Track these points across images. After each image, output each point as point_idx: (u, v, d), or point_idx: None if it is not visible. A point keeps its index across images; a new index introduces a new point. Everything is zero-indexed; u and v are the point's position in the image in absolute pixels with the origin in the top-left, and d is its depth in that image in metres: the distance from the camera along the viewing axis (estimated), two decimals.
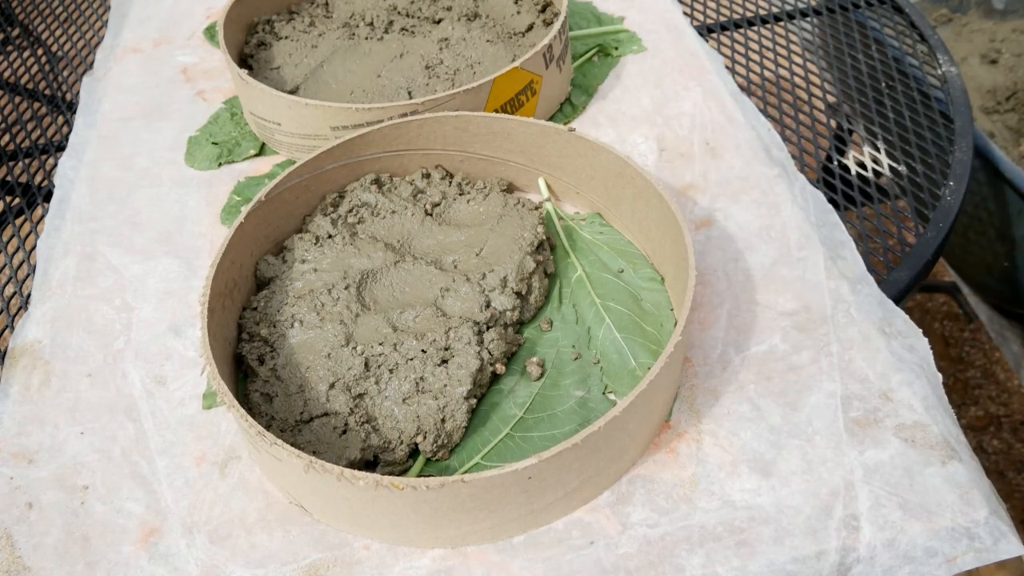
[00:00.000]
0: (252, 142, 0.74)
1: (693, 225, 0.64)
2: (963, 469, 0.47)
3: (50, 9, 1.07)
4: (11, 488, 0.50)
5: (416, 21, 0.80)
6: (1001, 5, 2.02)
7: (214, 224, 0.67)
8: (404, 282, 0.56)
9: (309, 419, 0.49)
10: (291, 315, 0.54)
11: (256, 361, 0.52)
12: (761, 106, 0.82)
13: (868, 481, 0.47)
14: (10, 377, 0.56)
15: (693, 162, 0.69)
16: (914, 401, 0.50)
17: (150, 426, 0.53)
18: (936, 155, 0.76)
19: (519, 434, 0.50)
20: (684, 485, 0.48)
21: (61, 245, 0.65)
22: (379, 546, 0.46)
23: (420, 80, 0.73)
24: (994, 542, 0.44)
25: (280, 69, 0.76)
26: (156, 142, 0.75)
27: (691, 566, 0.44)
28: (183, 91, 0.81)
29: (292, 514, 0.48)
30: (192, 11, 0.94)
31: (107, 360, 0.57)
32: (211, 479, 0.50)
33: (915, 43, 0.91)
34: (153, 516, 0.48)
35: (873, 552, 0.44)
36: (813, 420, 0.50)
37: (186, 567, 0.46)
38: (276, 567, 0.45)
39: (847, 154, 0.82)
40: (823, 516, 0.46)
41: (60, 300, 0.61)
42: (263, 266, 0.57)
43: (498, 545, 0.46)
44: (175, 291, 0.61)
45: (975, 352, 1.37)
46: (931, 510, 0.45)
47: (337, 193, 0.62)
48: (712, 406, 0.51)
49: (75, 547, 0.47)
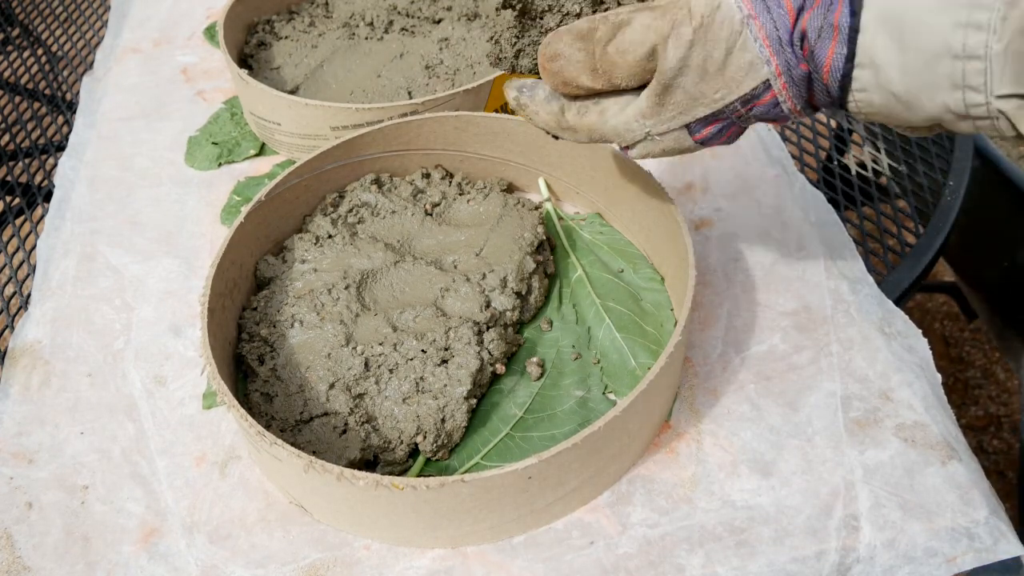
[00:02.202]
0: (252, 142, 0.74)
1: (693, 225, 0.64)
2: (963, 469, 0.47)
3: (50, 9, 1.07)
4: (11, 488, 0.50)
5: (416, 21, 0.80)
6: None
7: (214, 224, 0.67)
8: (404, 282, 0.56)
9: (309, 419, 0.49)
10: (291, 315, 0.54)
11: (256, 361, 0.52)
12: None
13: (868, 481, 0.47)
14: (10, 377, 0.56)
15: (693, 162, 0.69)
16: (914, 401, 0.50)
17: (150, 426, 0.53)
18: (936, 155, 0.76)
19: (519, 434, 0.50)
20: (684, 485, 0.48)
21: (61, 245, 0.66)
22: (379, 546, 0.46)
23: (420, 80, 0.73)
24: (994, 542, 0.44)
25: (280, 69, 0.76)
26: (156, 142, 0.75)
27: (691, 566, 0.44)
28: (183, 91, 0.81)
29: (292, 514, 0.48)
30: (192, 11, 0.94)
31: (107, 360, 0.57)
32: (211, 479, 0.50)
33: None
34: (153, 516, 0.48)
35: (873, 552, 0.44)
36: (813, 420, 0.50)
37: (186, 567, 0.46)
38: (276, 567, 0.45)
39: (847, 154, 0.82)
40: (823, 516, 0.46)
41: (60, 300, 0.61)
42: (263, 266, 0.57)
43: (498, 545, 0.46)
44: (175, 291, 0.61)
45: (975, 352, 1.37)
46: (931, 510, 0.45)
47: (337, 193, 0.62)
48: (712, 406, 0.51)
49: (75, 547, 0.47)
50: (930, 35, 0.32)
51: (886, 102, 0.35)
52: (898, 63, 0.33)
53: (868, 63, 0.34)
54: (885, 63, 0.34)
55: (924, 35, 0.32)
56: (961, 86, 0.32)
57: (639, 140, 0.43)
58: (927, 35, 0.32)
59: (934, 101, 0.33)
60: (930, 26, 0.32)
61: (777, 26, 0.37)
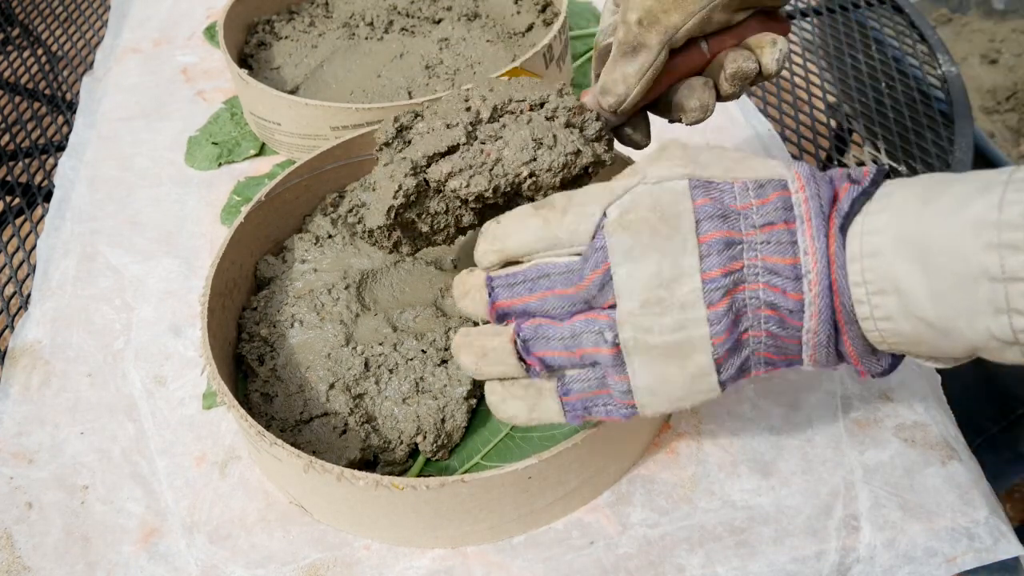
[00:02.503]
0: (252, 142, 0.74)
1: None
2: (963, 469, 0.47)
3: (50, 9, 1.07)
4: (11, 488, 0.50)
5: (416, 21, 0.80)
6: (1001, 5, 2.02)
7: (214, 224, 0.67)
8: (404, 282, 0.56)
9: (309, 419, 0.49)
10: (291, 315, 0.54)
11: (256, 361, 0.52)
12: (761, 106, 0.82)
13: (868, 481, 0.47)
14: (10, 377, 0.56)
15: None
16: (914, 401, 0.50)
17: (150, 426, 0.53)
18: (936, 155, 0.76)
19: (519, 434, 0.50)
20: (684, 485, 0.48)
21: (61, 245, 0.66)
22: (379, 546, 0.46)
23: (420, 80, 0.73)
24: (994, 542, 0.44)
25: (280, 69, 0.76)
26: (156, 142, 0.75)
27: (691, 566, 0.44)
28: (183, 91, 0.81)
29: (292, 514, 0.48)
30: (192, 11, 0.94)
31: (107, 360, 0.57)
32: (211, 479, 0.50)
33: (915, 43, 0.91)
34: (153, 516, 0.48)
35: (873, 552, 0.44)
36: (813, 420, 0.50)
37: (186, 567, 0.46)
38: (276, 567, 0.45)
39: (847, 154, 0.82)
40: (823, 516, 0.46)
41: (60, 300, 0.61)
42: (263, 266, 0.57)
43: (498, 545, 0.46)
44: (175, 291, 0.61)
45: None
46: (931, 510, 0.45)
47: (337, 193, 0.62)
48: (712, 406, 0.51)
49: (75, 547, 0.47)
50: (959, 258, 0.29)
51: (916, 330, 0.31)
52: (926, 288, 0.30)
53: (892, 289, 0.31)
54: (910, 288, 0.30)
55: (952, 258, 0.29)
56: (1006, 310, 0.28)
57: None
58: (956, 258, 0.29)
59: (975, 328, 0.29)
60: (957, 249, 0.29)
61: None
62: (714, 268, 0.33)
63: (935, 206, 0.30)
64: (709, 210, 0.34)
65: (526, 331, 0.37)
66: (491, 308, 0.37)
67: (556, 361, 0.37)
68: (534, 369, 0.37)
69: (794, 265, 0.33)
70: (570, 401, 0.37)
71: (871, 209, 0.32)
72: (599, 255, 0.35)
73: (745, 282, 0.33)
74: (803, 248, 0.33)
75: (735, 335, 0.34)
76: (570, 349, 0.36)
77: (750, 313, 0.34)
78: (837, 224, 0.33)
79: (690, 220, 0.34)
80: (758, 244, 0.33)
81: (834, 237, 0.32)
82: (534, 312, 0.37)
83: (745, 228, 0.34)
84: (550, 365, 0.37)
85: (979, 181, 0.30)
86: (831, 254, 0.32)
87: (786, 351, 0.35)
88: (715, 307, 0.33)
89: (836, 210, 0.33)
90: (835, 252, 0.32)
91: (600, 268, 0.35)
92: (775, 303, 0.33)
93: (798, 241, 0.33)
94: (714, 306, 0.33)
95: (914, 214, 0.30)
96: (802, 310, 0.33)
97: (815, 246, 0.32)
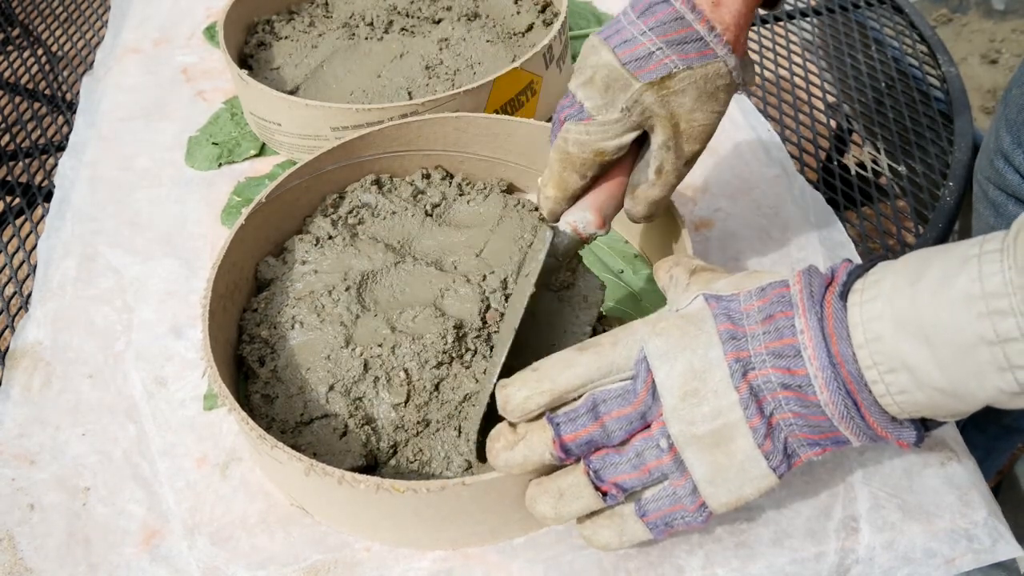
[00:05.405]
0: (252, 142, 0.74)
1: (693, 226, 0.64)
2: (962, 470, 0.47)
3: (50, 9, 1.07)
4: (13, 489, 0.50)
5: (416, 21, 0.80)
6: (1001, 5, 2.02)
7: (214, 225, 0.67)
8: (404, 283, 0.56)
9: (309, 420, 0.49)
10: (291, 316, 0.54)
11: (257, 363, 0.52)
12: (761, 106, 0.82)
13: (867, 482, 0.47)
14: (11, 378, 0.56)
15: None
16: None
17: (151, 427, 0.53)
18: (936, 155, 0.76)
19: None
20: None
21: (61, 246, 0.66)
22: (380, 548, 0.46)
23: (420, 80, 0.73)
24: (993, 543, 0.45)
25: (280, 69, 0.76)
26: (156, 142, 0.75)
27: (691, 567, 0.44)
28: (183, 91, 0.81)
29: (293, 516, 0.48)
30: (192, 11, 0.94)
31: (108, 361, 0.57)
32: (212, 480, 0.50)
33: (915, 43, 0.91)
34: (155, 518, 0.48)
35: (872, 553, 0.44)
36: None
37: (188, 569, 0.46)
38: (277, 568, 0.45)
39: (847, 154, 0.82)
40: (822, 517, 0.46)
41: (61, 301, 0.61)
42: (263, 268, 0.57)
43: (498, 546, 0.46)
44: (175, 292, 0.62)
45: None
46: (930, 511, 0.46)
47: (337, 194, 0.62)
48: None
49: (77, 549, 0.47)
50: (957, 330, 0.31)
51: (931, 398, 0.33)
52: (932, 360, 0.32)
53: (901, 367, 0.33)
54: (918, 363, 0.32)
55: (950, 330, 0.31)
56: (1008, 367, 0.31)
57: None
58: (953, 330, 0.31)
59: (984, 387, 0.32)
60: (953, 322, 0.31)
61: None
62: (727, 353, 0.36)
63: (922, 284, 0.32)
64: (717, 311, 0.38)
65: (595, 462, 0.39)
66: (557, 444, 0.39)
67: (629, 483, 0.39)
68: (611, 495, 0.39)
69: (793, 344, 0.35)
70: (651, 520, 0.39)
71: (866, 298, 0.34)
72: (643, 366, 0.38)
73: (754, 368, 0.36)
74: (799, 328, 0.35)
75: (765, 419, 0.36)
76: (637, 468, 0.38)
77: (769, 397, 0.36)
78: (836, 292, 0.35)
79: (711, 321, 0.37)
80: (759, 335, 0.36)
81: (831, 315, 0.35)
82: (597, 441, 0.39)
83: (748, 324, 0.37)
84: (624, 488, 0.39)
85: (955, 256, 0.32)
86: (830, 329, 0.35)
87: (821, 429, 0.36)
88: (739, 390, 0.36)
89: (833, 287, 0.36)
90: (833, 326, 0.35)
91: (648, 378, 0.38)
92: (787, 383, 0.36)
93: (795, 324, 0.36)
94: (739, 389, 0.36)
95: (907, 297, 0.33)
96: (811, 384, 0.35)
97: (809, 323, 0.35)
